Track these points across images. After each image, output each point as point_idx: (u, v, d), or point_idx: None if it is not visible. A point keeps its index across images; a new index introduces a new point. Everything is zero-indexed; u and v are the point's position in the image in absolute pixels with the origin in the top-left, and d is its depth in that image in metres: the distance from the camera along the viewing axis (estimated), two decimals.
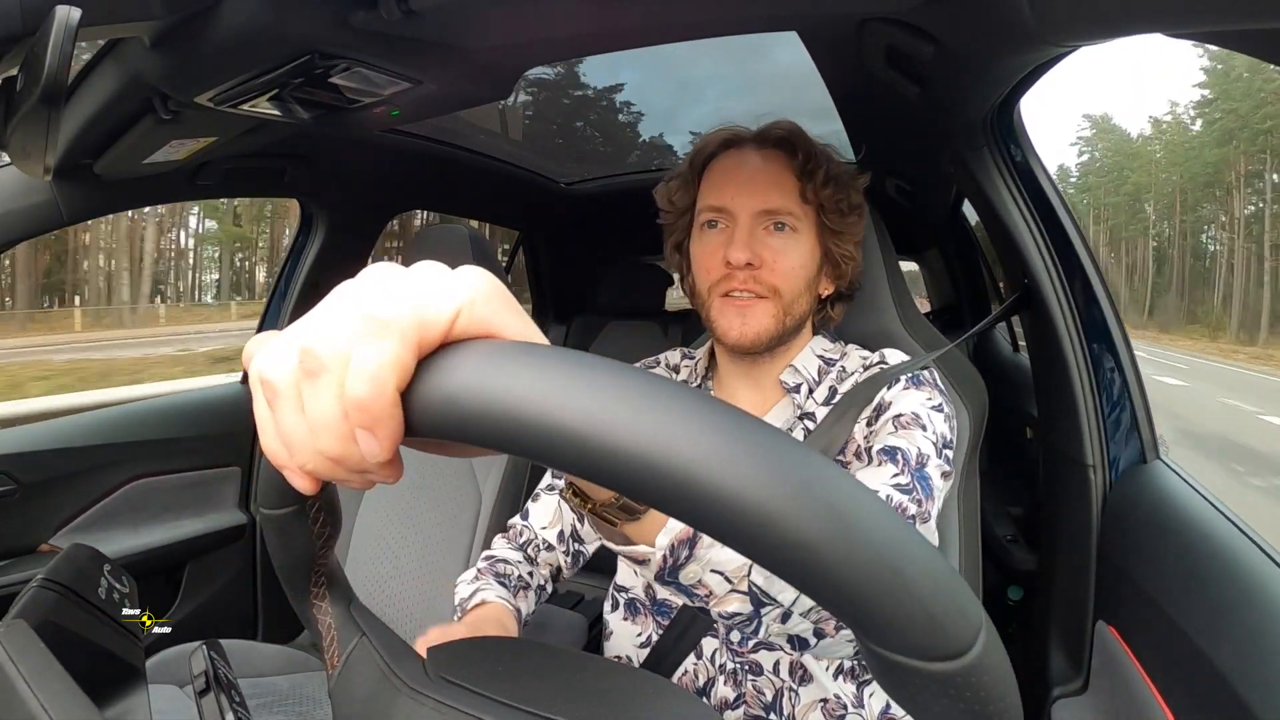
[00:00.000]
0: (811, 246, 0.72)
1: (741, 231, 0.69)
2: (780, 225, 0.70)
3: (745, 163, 0.72)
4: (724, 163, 0.74)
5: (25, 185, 0.94)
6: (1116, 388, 0.84)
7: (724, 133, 0.75)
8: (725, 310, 0.71)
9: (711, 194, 0.73)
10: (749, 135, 0.74)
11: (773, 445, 0.18)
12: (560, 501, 0.83)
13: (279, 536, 0.32)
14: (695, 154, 0.77)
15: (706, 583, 0.47)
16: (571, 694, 0.34)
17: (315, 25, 0.63)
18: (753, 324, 0.70)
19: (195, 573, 1.27)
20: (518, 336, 0.23)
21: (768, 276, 0.69)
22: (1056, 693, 0.84)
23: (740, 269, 0.69)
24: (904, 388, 0.68)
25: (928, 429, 0.64)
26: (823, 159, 0.71)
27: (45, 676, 0.36)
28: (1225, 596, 0.61)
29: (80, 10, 0.46)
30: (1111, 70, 32.09)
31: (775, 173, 0.71)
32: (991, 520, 1.39)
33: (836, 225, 0.72)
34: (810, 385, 0.74)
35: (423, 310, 0.21)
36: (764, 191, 0.70)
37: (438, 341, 0.21)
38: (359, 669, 0.34)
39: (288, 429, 0.22)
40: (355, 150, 1.22)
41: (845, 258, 0.74)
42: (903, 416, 0.65)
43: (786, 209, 0.70)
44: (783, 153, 0.71)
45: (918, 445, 0.62)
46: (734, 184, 0.71)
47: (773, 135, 0.72)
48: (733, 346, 0.72)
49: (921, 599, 0.18)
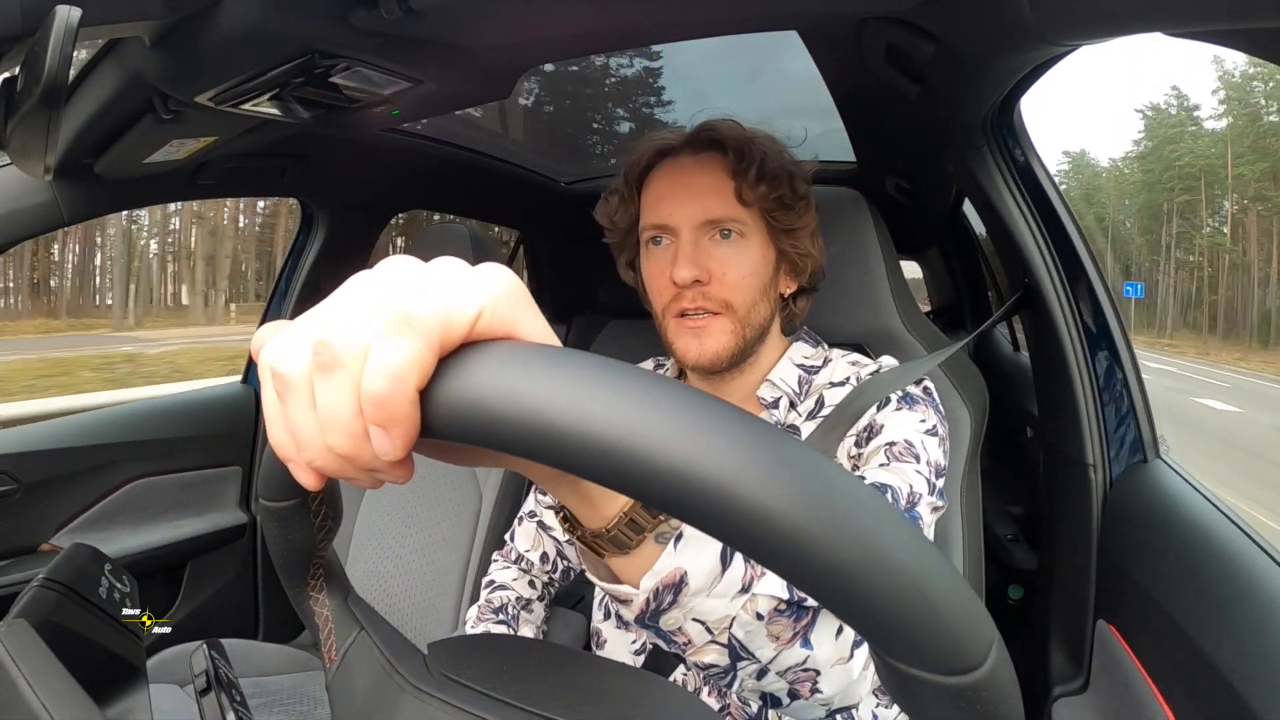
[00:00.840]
0: (763, 249, 0.69)
1: (685, 247, 0.66)
2: (726, 233, 0.67)
3: (680, 172, 0.69)
4: (659, 174, 0.70)
5: (25, 185, 0.94)
6: (1117, 387, 0.84)
7: (655, 142, 0.71)
8: (680, 332, 0.68)
9: (650, 210, 0.70)
10: (681, 140, 0.70)
11: (808, 464, 0.18)
12: (539, 528, 0.85)
13: (279, 529, 0.32)
14: (630, 168, 0.73)
15: (686, 631, 0.45)
16: (573, 693, 0.34)
17: (315, 25, 0.63)
18: (710, 344, 0.67)
19: (196, 572, 1.27)
20: (538, 338, 0.22)
21: (717, 291, 0.66)
22: (1057, 692, 0.84)
23: (688, 287, 0.66)
24: (896, 408, 0.65)
25: (921, 459, 0.61)
26: (755, 155, 0.67)
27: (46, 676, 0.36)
28: (1226, 595, 0.61)
29: (80, 10, 0.46)
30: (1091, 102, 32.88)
31: (711, 178, 0.67)
32: (992, 519, 1.39)
33: (784, 222, 0.68)
34: (791, 398, 0.71)
35: (447, 308, 0.20)
36: (701, 200, 0.67)
37: (459, 340, 0.21)
38: (357, 664, 0.34)
39: (297, 423, 0.22)
40: (355, 150, 1.22)
41: (801, 255, 0.70)
42: (895, 446, 0.62)
43: (729, 215, 0.67)
44: (717, 154, 0.68)
45: (910, 482, 0.59)
46: (671, 197, 0.68)
47: (703, 137, 0.69)
48: (693, 368, 0.70)
49: (943, 617, 0.18)
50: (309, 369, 0.21)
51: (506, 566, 0.87)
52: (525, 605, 0.84)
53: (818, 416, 0.69)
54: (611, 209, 0.75)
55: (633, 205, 0.73)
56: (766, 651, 0.46)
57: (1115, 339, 0.84)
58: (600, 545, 0.37)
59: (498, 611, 0.81)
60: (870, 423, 0.65)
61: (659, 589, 0.40)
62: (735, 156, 0.67)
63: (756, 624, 0.44)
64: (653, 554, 0.39)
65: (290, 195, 1.33)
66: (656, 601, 0.41)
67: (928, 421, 0.64)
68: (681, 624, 0.44)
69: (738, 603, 0.43)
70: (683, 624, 0.44)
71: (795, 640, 0.46)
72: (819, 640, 0.47)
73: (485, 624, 0.80)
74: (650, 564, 0.39)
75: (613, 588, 0.42)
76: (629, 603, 0.41)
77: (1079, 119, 33.95)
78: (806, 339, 0.77)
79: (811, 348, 0.76)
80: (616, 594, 0.42)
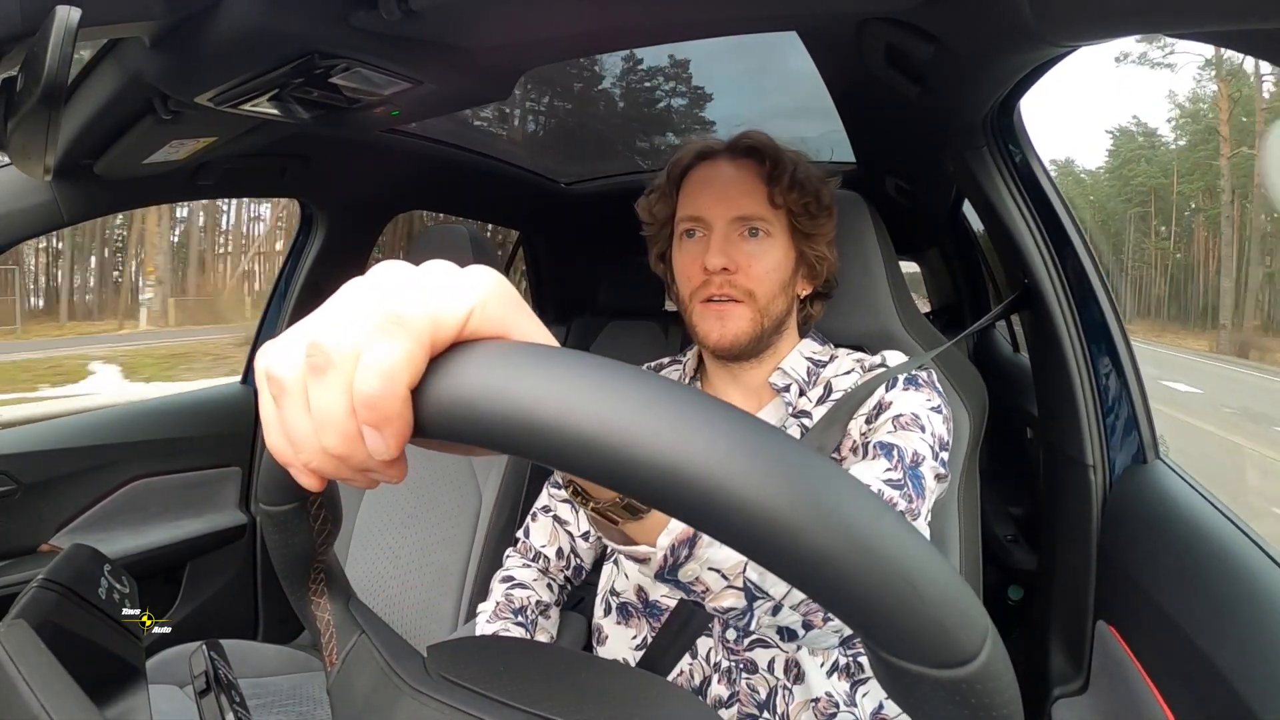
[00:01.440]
0: (785, 249, 0.75)
1: (718, 238, 0.73)
2: (754, 231, 0.73)
3: (719, 173, 0.75)
4: (699, 174, 0.77)
5: (25, 185, 0.94)
6: (1116, 387, 0.84)
7: (698, 145, 0.78)
8: (705, 315, 0.74)
9: (688, 204, 0.76)
10: (721, 146, 0.77)
11: (791, 456, 0.18)
12: (555, 522, 0.86)
13: (279, 533, 0.32)
14: (672, 167, 0.79)
15: (704, 580, 0.49)
16: (572, 694, 0.34)
17: (315, 25, 0.63)
18: (731, 327, 0.73)
19: (195, 573, 1.27)
20: (529, 338, 0.23)
21: (743, 280, 0.72)
22: (1057, 692, 0.84)
23: (717, 274, 0.72)
24: (903, 388, 0.70)
25: (926, 430, 0.65)
26: (788, 165, 0.74)
27: (46, 676, 0.35)
28: (1225, 596, 0.61)
29: (80, 10, 0.46)
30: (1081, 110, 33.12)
31: (746, 181, 0.74)
32: (992, 520, 1.39)
33: (806, 227, 0.75)
34: (801, 386, 0.76)
35: (437, 308, 0.21)
36: (736, 199, 0.73)
37: (450, 340, 0.21)
38: (358, 667, 0.34)
39: (293, 426, 0.22)
40: (355, 150, 1.22)
41: (819, 258, 0.77)
42: (902, 416, 0.66)
43: (758, 215, 0.73)
44: (753, 161, 0.75)
45: (914, 446, 0.63)
46: (709, 194, 0.74)
47: (742, 145, 0.76)
48: (714, 349, 0.75)
49: (932, 608, 0.18)
50: (303, 372, 0.21)
51: (526, 565, 0.87)
52: (544, 611, 0.83)
53: (827, 401, 0.74)
54: (651, 203, 0.81)
55: (671, 200, 0.79)
56: (780, 588, 0.51)
57: (1115, 339, 0.84)
58: (614, 513, 0.41)
59: (517, 612, 0.80)
60: (879, 401, 0.70)
61: (675, 545, 0.46)
62: (771, 164, 0.74)
63: None
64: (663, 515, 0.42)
65: (290, 195, 1.33)
66: (674, 557, 0.46)
67: (933, 401, 0.69)
68: (699, 574, 0.49)
69: None
70: (700, 574, 0.49)
71: None
72: None
73: (503, 622, 0.79)
74: (662, 523, 0.44)
75: (630, 549, 0.46)
76: (647, 561, 0.46)
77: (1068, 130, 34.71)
78: (814, 337, 0.82)
79: (819, 345, 0.81)
80: (634, 555, 0.47)
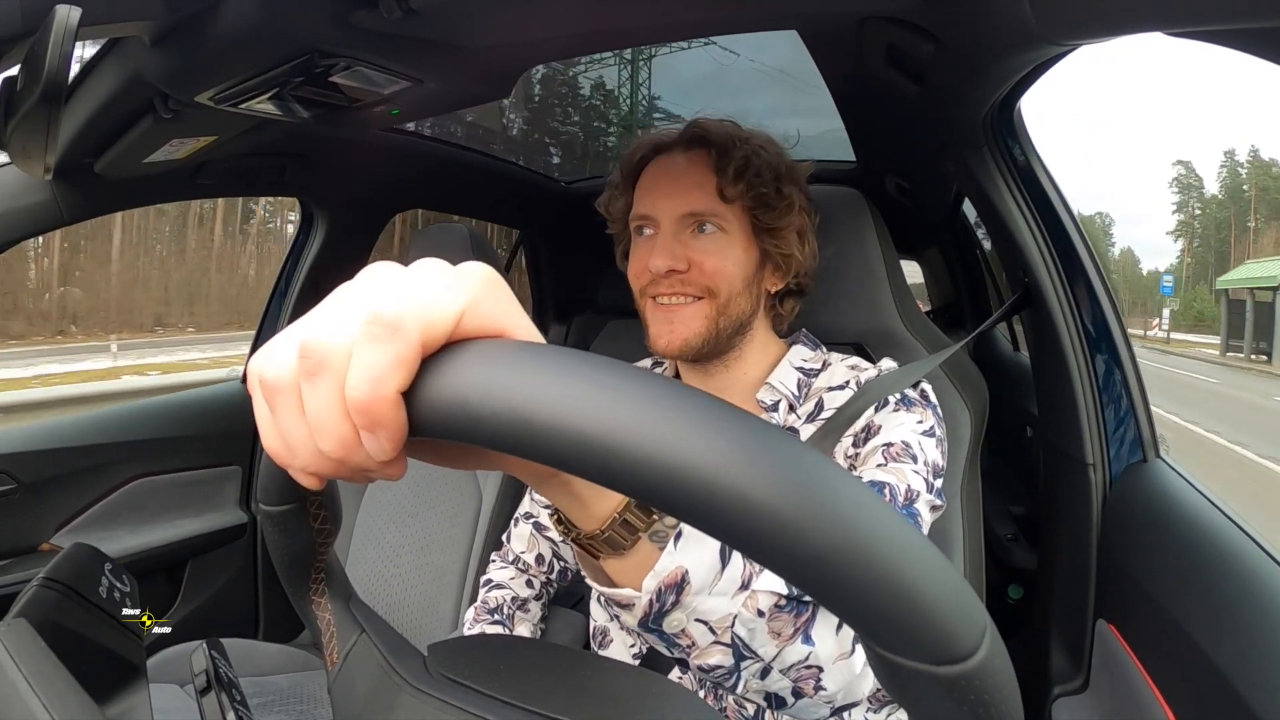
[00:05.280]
0: (745, 245, 0.70)
1: (665, 237, 0.68)
2: (704, 226, 0.69)
3: (670, 166, 0.71)
4: (652, 169, 0.73)
5: (25, 185, 0.94)
6: (1116, 386, 0.84)
7: (652, 138, 0.74)
8: (655, 316, 0.70)
9: (639, 202, 0.72)
10: (674, 138, 0.73)
11: (786, 451, 0.18)
12: (534, 529, 0.86)
13: (279, 533, 0.32)
14: (625, 161, 0.75)
15: (690, 633, 0.44)
16: (573, 692, 0.34)
17: (315, 24, 0.63)
18: (680, 329, 0.68)
19: (196, 572, 1.27)
20: (523, 336, 0.22)
21: (698, 278, 0.68)
22: (1057, 691, 0.84)
23: (664, 277, 0.68)
24: (894, 409, 0.65)
25: (918, 459, 0.61)
26: (738, 153, 0.68)
27: (46, 675, 0.35)
28: (1225, 595, 0.61)
29: (80, 10, 0.46)
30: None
31: (697, 173, 0.69)
32: (992, 519, 1.39)
33: (767, 220, 0.69)
34: (790, 401, 0.72)
35: (427, 308, 0.21)
36: (684, 194, 0.69)
37: (442, 340, 0.21)
38: (359, 666, 0.34)
39: (288, 429, 0.22)
40: (356, 149, 1.22)
41: (785, 255, 0.71)
42: (893, 446, 0.62)
43: (709, 210, 0.68)
44: (704, 151, 0.70)
45: (907, 481, 0.59)
46: (657, 190, 0.71)
47: (692, 135, 0.71)
48: (662, 353, 0.71)
49: (930, 605, 0.18)
50: (295, 377, 0.21)
51: (504, 566, 0.87)
52: (521, 605, 0.84)
53: (817, 420, 0.69)
54: (609, 199, 0.78)
55: (628, 195, 0.75)
56: (769, 649, 0.46)
57: (1115, 339, 0.84)
58: (596, 547, 0.37)
59: (493, 611, 0.81)
60: (868, 423, 0.65)
61: (661, 589, 0.39)
62: (718, 153, 0.69)
63: (758, 621, 0.44)
64: (649, 555, 0.38)
65: (290, 195, 1.33)
66: (659, 603, 0.40)
67: (925, 423, 0.65)
68: (685, 625, 0.43)
69: (739, 600, 0.43)
70: (686, 625, 0.43)
71: (796, 636, 0.46)
72: (820, 636, 0.47)
73: (481, 624, 0.80)
74: (648, 565, 0.39)
75: (613, 592, 0.41)
76: (630, 608, 0.40)
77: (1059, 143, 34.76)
78: (805, 342, 0.77)
79: (810, 351, 0.76)
80: (617, 598, 0.41)
